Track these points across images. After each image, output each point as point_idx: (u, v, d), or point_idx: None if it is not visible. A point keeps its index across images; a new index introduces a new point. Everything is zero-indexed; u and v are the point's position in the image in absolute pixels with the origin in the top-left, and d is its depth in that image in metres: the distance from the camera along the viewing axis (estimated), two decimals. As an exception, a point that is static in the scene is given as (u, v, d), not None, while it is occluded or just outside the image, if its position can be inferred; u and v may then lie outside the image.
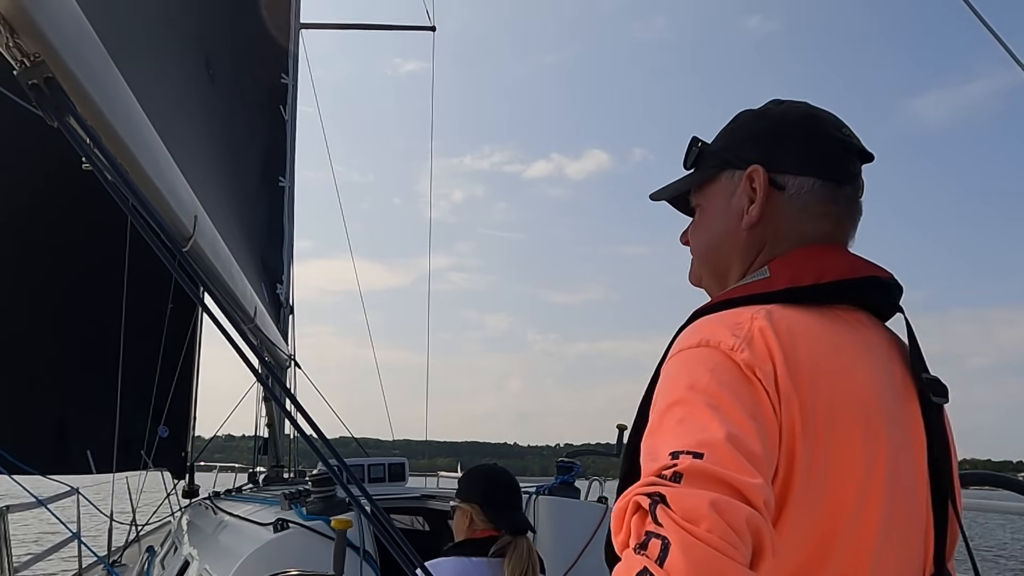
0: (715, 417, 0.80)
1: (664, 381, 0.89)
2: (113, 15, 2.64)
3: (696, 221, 1.16)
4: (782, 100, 1.12)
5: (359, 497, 1.68)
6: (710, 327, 0.92)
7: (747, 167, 1.07)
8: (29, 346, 6.39)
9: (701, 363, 0.87)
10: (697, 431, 0.79)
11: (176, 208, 2.85)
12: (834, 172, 1.05)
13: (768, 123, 1.09)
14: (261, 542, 2.72)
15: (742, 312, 0.93)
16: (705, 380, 0.84)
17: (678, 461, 0.76)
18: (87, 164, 1.73)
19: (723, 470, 0.75)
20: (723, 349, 0.87)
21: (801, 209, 1.05)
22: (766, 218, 1.05)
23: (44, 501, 4.85)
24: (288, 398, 1.90)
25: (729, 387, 0.84)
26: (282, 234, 8.33)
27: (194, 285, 1.80)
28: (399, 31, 11.14)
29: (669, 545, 0.70)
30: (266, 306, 6.09)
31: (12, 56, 1.74)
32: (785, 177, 1.05)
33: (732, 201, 1.09)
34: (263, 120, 7.84)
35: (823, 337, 0.93)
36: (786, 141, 1.06)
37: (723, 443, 0.77)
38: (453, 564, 2.27)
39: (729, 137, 1.13)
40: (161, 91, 3.53)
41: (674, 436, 0.80)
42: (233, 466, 8.62)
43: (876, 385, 0.94)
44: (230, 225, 5.19)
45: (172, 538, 4.99)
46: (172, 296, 6.46)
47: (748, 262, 1.07)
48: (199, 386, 7.93)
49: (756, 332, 0.89)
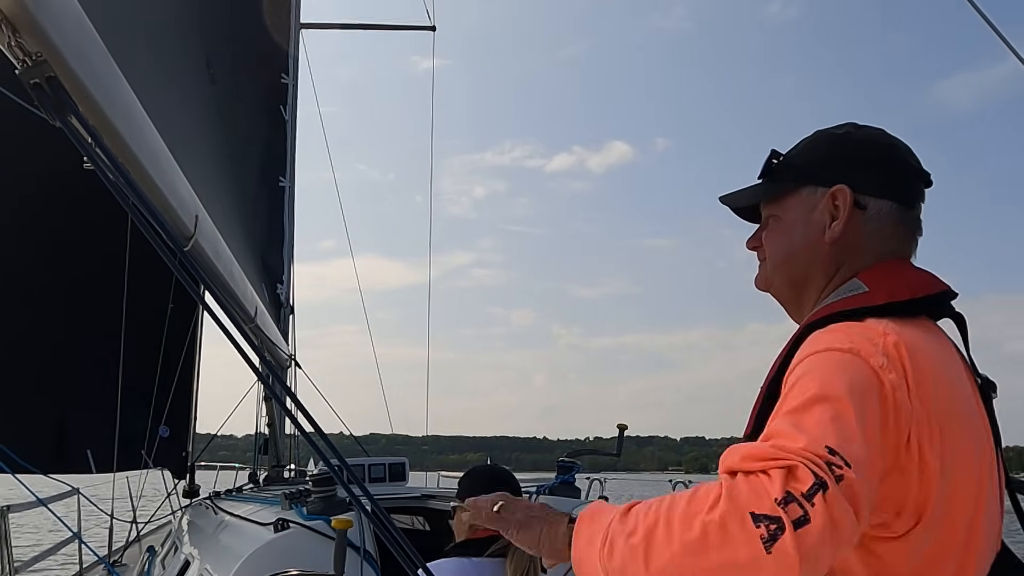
0: (861, 432, 0.90)
1: (816, 369, 0.97)
2: (115, 15, 2.64)
3: (772, 230, 1.24)
4: (860, 124, 1.22)
5: (360, 497, 1.68)
6: (851, 335, 1.01)
7: (831, 185, 1.17)
8: (29, 345, 6.39)
9: (856, 371, 0.96)
10: (850, 439, 0.89)
11: (177, 207, 2.85)
12: (908, 197, 1.18)
13: (853, 146, 1.19)
14: (261, 542, 2.72)
15: (872, 327, 1.02)
16: (859, 390, 0.94)
17: (837, 462, 0.85)
18: (88, 163, 1.73)
19: (862, 496, 0.86)
20: (873, 366, 0.96)
21: (878, 229, 1.16)
22: (846, 235, 1.15)
23: (45, 501, 4.85)
24: (289, 397, 1.90)
25: (874, 404, 0.94)
26: (282, 234, 8.33)
27: (195, 284, 1.80)
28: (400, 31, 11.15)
29: (809, 521, 0.80)
30: (266, 306, 6.10)
31: (14, 55, 1.74)
32: (866, 198, 1.16)
33: (814, 215, 1.18)
34: (263, 120, 7.84)
35: (933, 351, 1.04)
36: (869, 165, 1.17)
37: (865, 463, 0.88)
38: (454, 565, 2.26)
39: (810, 154, 1.22)
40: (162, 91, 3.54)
41: (832, 432, 0.88)
42: (234, 466, 8.63)
43: (968, 390, 1.07)
44: (231, 225, 5.19)
45: (172, 538, 4.99)
46: (172, 296, 6.45)
47: (830, 275, 1.17)
48: (199, 386, 7.94)
49: (892, 348, 0.99)
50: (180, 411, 7.36)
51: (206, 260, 3.42)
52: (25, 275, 6.18)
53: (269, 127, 8.04)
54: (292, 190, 8.52)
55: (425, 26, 10.73)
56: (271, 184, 8.12)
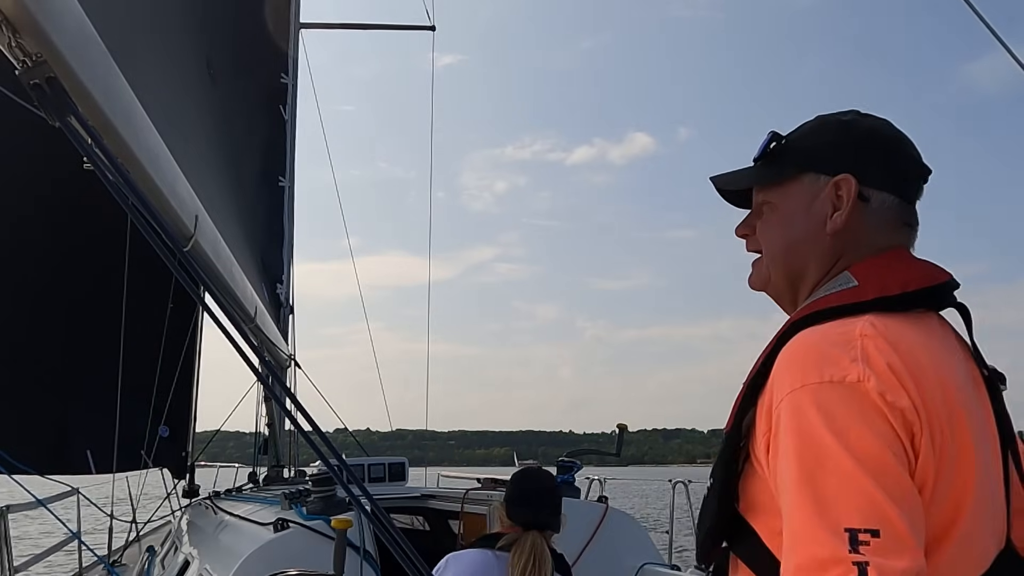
0: (873, 480, 0.86)
1: (796, 425, 0.92)
2: (115, 15, 2.64)
3: (767, 219, 1.17)
4: (865, 113, 1.16)
5: (359, 497, 1.68)
6: (823, 351, 0.95)
7: (834, 174, 1.10)
8: (30, 346, 6.39)
9: (836, 405, 0.90)
10: (862, 501, 0.85)
11: (177, 208, 2.85)
12: (909, 192, 1.13)
13: (858, 136, 1.13)
14: (261, 542, 2.72)
15: (848, 326, 0.97)
16: (848, 431, 0.88)
17: (860, 541, 0.83)
18: (88, 164, 1.73)
19: (902, 555, 0.83)
20: (849, 382, 0.91)
21: (879, 222, 1.10)
22: (848, 227, 1.09)
23: (44, 501, 4.85)
24: (288, 397, 1.90)
25: (870, 429, 0.89)
26: (282, 234, 8.34)
27: (195, 285, 1.80)
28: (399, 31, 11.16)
29: None
30: (266, 306, 6.10)
31: (14, 56, 1.74)
32: (869, 190, 1.10)
33: (816, 205, 1.11)
34: (263, 120, 7.85)
35: (923, 345, 0.98)
36: (876, 156, 1.11)
37: (896, 518, 0.84)
38: (475, 555, 2.43)
39: (814, 139, 1.15)
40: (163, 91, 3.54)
41: (841, 507, 0.85)
42: (234, 466, 8.63)
43: (966, 384, 1.01)
44: (230, 225, 5.19)
45: (172, 538, 4.99)
46: (172, 296, 6.45)
47: (826, 268, 1.11)
48: (199, 386, 7.94)
49: (872, 350, 0.93)
50: (180, 411, 7.37)
51: (206, 260, 3.42)
52: (26, 276, 6.17)
53: (269, 127, 8.05)
54: (292, 190, 8.53)
55: (425, 26, 10.75)
56: (271, 184, 8.13)
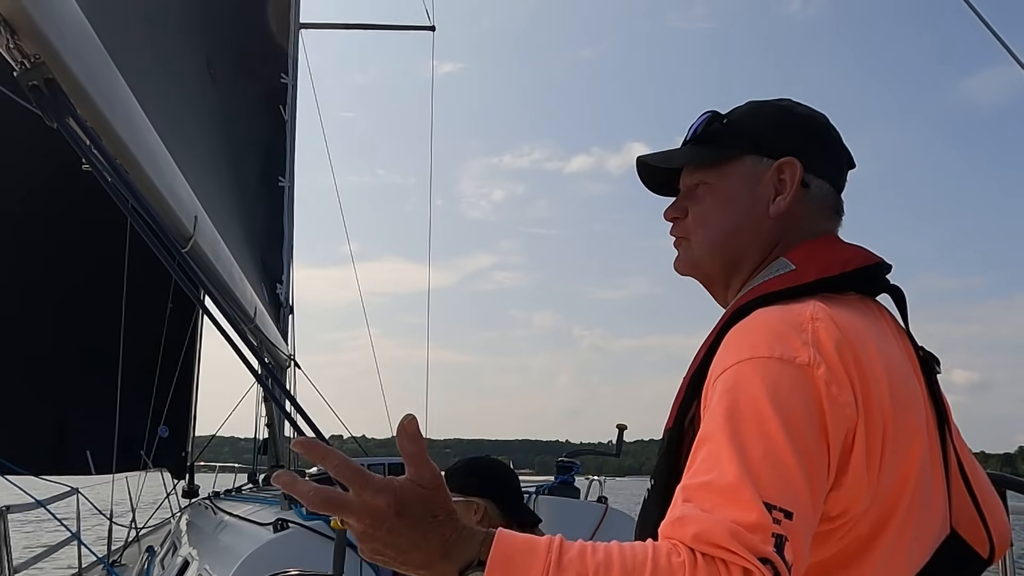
0: (798, 462, 0.84)
1: (737, 387, 0.89)
2: (114, 16, 2.64)
3: (702, 200, 1.13)
4: (797, 102, 1.15)
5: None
6: (774, 328, 0.93)
7: (777, 157, 1.09)
8: (29, 347, 6.40)
9: (782, 381, 0.88)
10: (785, 480, 0.83)
11: (176, 208, 2.85)
12: (841, 181, 1.14)
13: (799, 122, 1.12)
14: (261, 542, 2.72)
15: (796, 309, 0.95)
16: (788, 407, 0.86)
17: (774, 519, 0.81)
18: (87, 165, 1.73)
19: (802, 546, 0.82)
20: (799, 364, 0.89)
21: (816, 208, 1.10)
22: (789, 211, 1.08)
23: (43, 501, 4.85)
24: (287, 398, 1.90)
25: (807, 415, 0.87)
26: (282, 234, 8.34)
27: (194, 286, 1.80)
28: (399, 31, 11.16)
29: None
30: (266, 306, 6.09)
31: (12, 57, 1.74)
32: (810, 176, 1.09)
33: (759, 188, 1.09)
34: (263, 120, 7.84)
35: (867, 329, 0.96)
36: (816, 143, 1.11)
37: (808, 509, 0.84)
38: None
39: (757, 122, 1.12)
40: (162, 91, 3.54)
41: (765, 477, 0.83)
42: (233, 466, 8.62)
43: (907, 367, 1.00)
44: (230, 225, 5.19)
45: (172, 538, 4.99)
46: (172, 296, 6.46)
47: (766, 253, 1.09)
48: (199, 386, 7.95)
49: (823, 335, 0.91)
50: (179, 412, 7.37)
51: (205, 261, 3.42)
52: (25, 276, 6.18)
53: (269, 127, 8.05)
54: (292, 190, 8.52)
55: (424, 26, 10.75)
56: (271, 184, 8.12)
